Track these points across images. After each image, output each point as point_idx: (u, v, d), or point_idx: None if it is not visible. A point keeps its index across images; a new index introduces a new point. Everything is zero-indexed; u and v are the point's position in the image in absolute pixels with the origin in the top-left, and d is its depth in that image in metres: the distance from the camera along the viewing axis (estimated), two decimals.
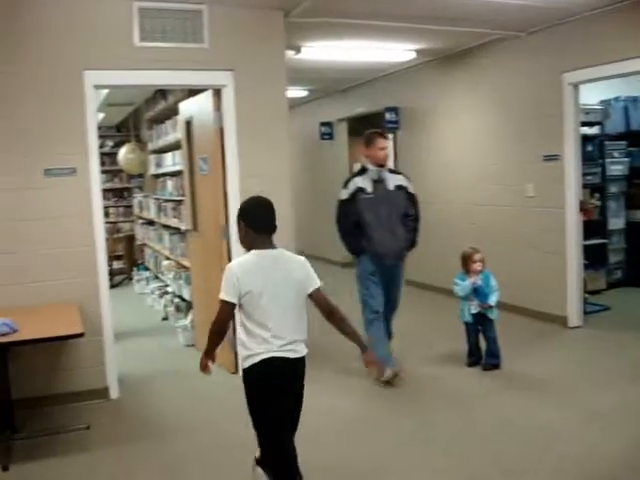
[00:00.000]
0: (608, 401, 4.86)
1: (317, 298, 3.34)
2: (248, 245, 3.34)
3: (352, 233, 5.66)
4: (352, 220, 5.61)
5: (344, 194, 5.68)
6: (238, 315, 3.30)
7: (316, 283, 3.33)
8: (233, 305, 3.22)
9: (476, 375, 5.64)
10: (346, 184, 5.71)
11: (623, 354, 5.85)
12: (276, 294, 3.23)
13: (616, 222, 8.67)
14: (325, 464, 3.99)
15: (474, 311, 5.78)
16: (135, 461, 4.26)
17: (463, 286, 5.77)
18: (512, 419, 4.64)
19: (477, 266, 5.78)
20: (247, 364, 3.25)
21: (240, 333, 3.30)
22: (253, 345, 3.22)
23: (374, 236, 5.56)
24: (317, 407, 4.22)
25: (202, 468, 4.14)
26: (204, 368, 3.48)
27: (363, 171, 5.71)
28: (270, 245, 3.33)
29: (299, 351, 3.30)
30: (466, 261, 5.87)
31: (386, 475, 3.96)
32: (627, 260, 8.78)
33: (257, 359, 3.21)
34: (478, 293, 5.74)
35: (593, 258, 7.80)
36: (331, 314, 3.36)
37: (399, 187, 5.68)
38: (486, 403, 4.99)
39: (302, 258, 3.38)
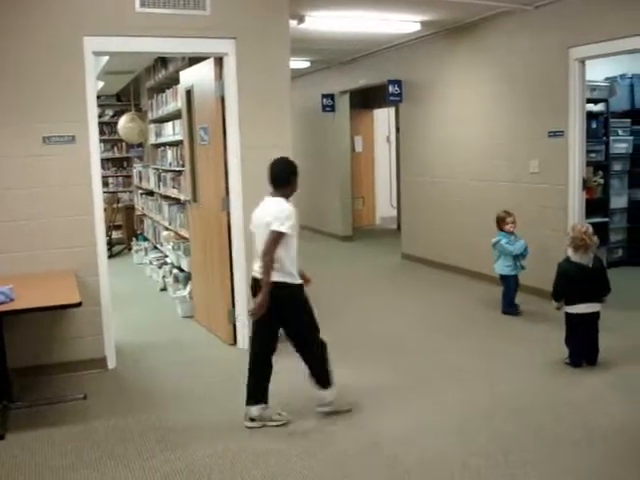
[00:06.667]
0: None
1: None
2: None
3: None
4: None
5: None
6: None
7: (271, 227, 4.07)
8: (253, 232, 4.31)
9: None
10: None
11: (619, 333, 5.82)
12: (256, 229, 4.25)
13: (619, 201, 8.61)
14: None
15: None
16: (131, 431, 4.25)
17: (520, 245, 6.61)
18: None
19: (510, 227, 6.66)
20: None
21: None
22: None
23: None
24: None
25: (199, 438, 4.12)
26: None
27: None
28: (272, 194, 4.29)
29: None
30: (499, 223, 6.72)
31: None
32: (628, 239, 8.75)
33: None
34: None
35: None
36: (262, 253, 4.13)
37: None
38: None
39: (277, 208, 4.14)
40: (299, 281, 4.22)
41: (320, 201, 12.65)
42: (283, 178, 4.31)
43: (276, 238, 4.07)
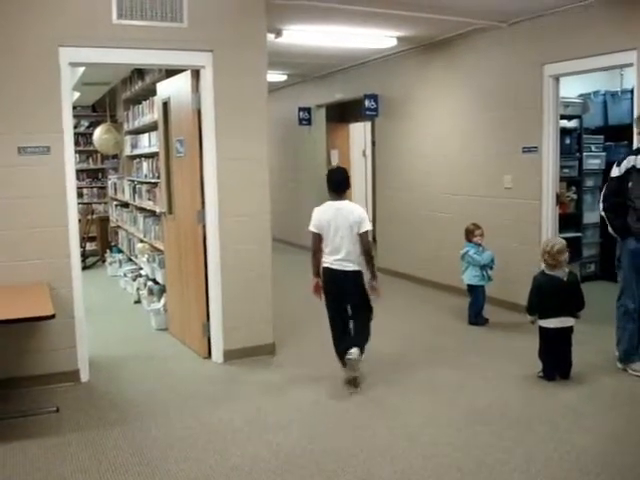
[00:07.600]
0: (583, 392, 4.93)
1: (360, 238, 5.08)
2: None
3: (617, 212, 5.29)
4: (619, 199, 5.26)
5: (615, 171, 5.29)
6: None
7: (364, 228, 5.06)
8: (316, 233, 5.15)
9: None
10: (619, 162, 5.29)
11: (592, 346, 5.86)
12: (340, 227, 5.08)
13: (591, 216, 8.70)
14: None
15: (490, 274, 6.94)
16: (104, 445, 4.20)
17: (487, 255, 6.85)
18: None
19: (478, 239, 6.88)
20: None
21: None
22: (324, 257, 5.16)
23: None
24: None
25: (173, 452, 4.09)
26: (316, 289, 5.28)
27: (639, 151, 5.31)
28: (335, 198, 5.20)
29: (346, 266, 5.09)
30: (468, 235, 6.93)
31: None
32: (601, 254, 8.84)
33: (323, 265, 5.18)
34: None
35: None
36: (364, 252, 5.12)
37: None
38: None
39: (359, 210, 5.17)
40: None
41: (296, 213, 12.64)
42: (345, 183, 5.27)
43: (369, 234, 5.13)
